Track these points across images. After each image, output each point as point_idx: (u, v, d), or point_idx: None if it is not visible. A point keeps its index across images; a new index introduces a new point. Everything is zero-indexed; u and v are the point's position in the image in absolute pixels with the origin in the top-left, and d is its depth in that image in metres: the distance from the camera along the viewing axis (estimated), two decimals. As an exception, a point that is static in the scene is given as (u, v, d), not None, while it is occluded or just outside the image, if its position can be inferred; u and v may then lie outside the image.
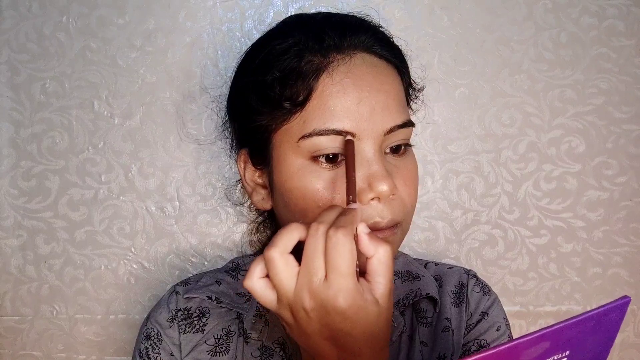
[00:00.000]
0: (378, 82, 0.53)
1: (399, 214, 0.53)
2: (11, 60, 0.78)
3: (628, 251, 0.85)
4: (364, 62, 0.53)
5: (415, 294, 0.61)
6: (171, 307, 0.60)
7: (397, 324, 0.60)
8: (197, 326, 0.59)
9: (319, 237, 0.41)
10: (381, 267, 0.42)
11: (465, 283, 0.64)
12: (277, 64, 0.53)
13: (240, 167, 0.61)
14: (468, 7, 0.81)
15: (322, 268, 0.41)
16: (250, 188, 0.60)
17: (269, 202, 0.59)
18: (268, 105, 0.54)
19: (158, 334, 0.59)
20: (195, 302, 0.60)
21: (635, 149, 0.84)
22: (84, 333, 0.81)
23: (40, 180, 0.79)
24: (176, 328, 0.59)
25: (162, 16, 0.78)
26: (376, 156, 0.52)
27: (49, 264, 0.80)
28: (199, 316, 0.60)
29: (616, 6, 0.82)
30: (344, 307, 0.40)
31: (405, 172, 0.54)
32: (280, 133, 0.54)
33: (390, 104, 0.53)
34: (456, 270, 0.67)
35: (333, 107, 0.51)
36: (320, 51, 0.53)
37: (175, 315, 0.59)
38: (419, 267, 0.66)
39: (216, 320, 0.60)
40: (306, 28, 0.55)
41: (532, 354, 0.35)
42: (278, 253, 0.41)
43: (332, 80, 0.51)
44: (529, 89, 0.82)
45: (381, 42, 0.56)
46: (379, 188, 0.50)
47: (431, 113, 0.81)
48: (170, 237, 0.81)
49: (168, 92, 0.79)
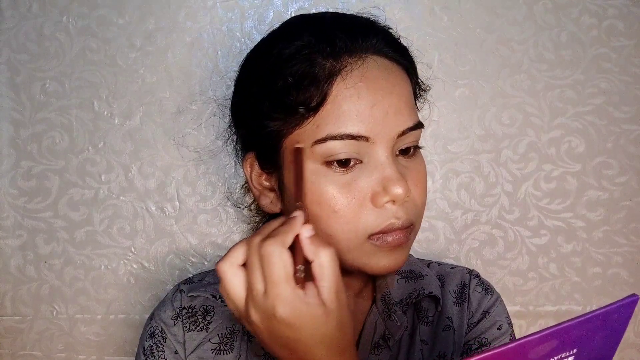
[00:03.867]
0: (390, 85, 0.53)
1: (413, 215, 0.54)
2: (11, 60, 0.78)
3: (628, 251, 0.85)
4: (376, 65, 0.53)
5: (418, 293, 0.62)
6: (175, 305, 0.60)
7: (401, 323, 0.60)
8: (201, 324, 0.59)
9: (253, 251, 0.43)
10: (323, 270, 0.43)
11: (467, 283, 0.65)
12: (288, 69, 0.53)
13: (247, 170, 0.60)
14: (468, 7, 0.81)
15: (261, 281, 0.43)
16: (257, 192, 0.60)
17: (278, 205, 0.59)
18: (281, 111, 0.53)
19: (162, 331, 0.58)
20: (200, 301, 0.60)
21: (635, 149, 0.84)
22: (84, 333, 0.81)
23: (40, 180, 0.79)
24: (180, 326, 0.59)
25: (162, 16, 0.79)
26: (389, 159, 0.52)
27: (49, 264, 0.80)
28: (204, 314, 0.59)
29: (616, 6, 0.82)
30: (284, 315, 0.42)
31: (415, 174, 0.55)
32: (293, 138, 0.53)
33: (402, 107, 0.53)
34: (459, 270, 0.67)
35: (347, 111, 0.51)
36: (332, 54, 0.52)
37: (179, 314, 0.59)
38: (422, 267, 0.66)
39: (220, 319, 0.59)
40: (315, 30, 0.54)
41: (539, 352, 0.35)
42: (227, 265, 0.43)
43: (346, 84, 0.51)
44: (529, 89, 0.82)
45: (391, 44, 0.56)
46: (394, 191, 0.50)
47: (431, 113, 0.81)
48: (170, 237, 0.81)
49: (168, 92, 0.79)
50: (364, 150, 0.51)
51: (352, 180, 0.52)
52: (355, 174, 0.52)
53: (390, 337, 0.60)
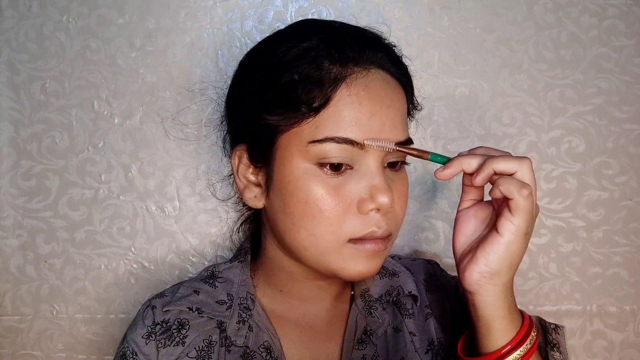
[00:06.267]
0: (389, 99, 0.55)
1: (392, 226, 0.56)
2: (11, 60, 0.78)
3: (628, 251, 0.85)
4: (379, 78, 0.55)
5: (397, 292, 0.65)
6: (147, 322, 0.58)
7: (383, 320, 0.63)
8: (177, 338, 0.58)
9: None
10: None
11: (433, 272, 0.70)
12: (295, 67, 0.54)
13: (234, 162, 0.60)
14: (468, 7, 0.81)
15: None
16: (242, 185, 0.60)
17: (262, 200, 0.59)
18: (284, 106, 0.54)
19: (134, 352, 0.57)
20: (174, 314, 0.59)
21: (635, 149, 0.84)
22: (84, 333, 0.81)
23: (40, 180, 0.79)
24: (153, 345, 0.57)
25: (162, 16, 0.79)
26: (379, 169, 0.54)
27: (49, 264, 0.80)
28: (178, 328, 0.58)
29: (616, 6, 0.82)
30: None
31: (399, 187, 0.57)
32: (289, 135, 0.54)
33: (397, 121, 0.55)
34: (419, 262, 0.71)
35: (347, 117, 0.53)
36: (340, 60, 0.54)
37: (152, 331, 0.58)
38: (393, 263, 0.69)
39: (196, 331, 0.58)
40: (325, 34, 0.56)
41: None
42: None
43: (349, 91, 0.53)
44: (529, 89, 0.82)
45: (394, 61, 0.58)
46: (380, 200, 0.53)
47: (431, 113, 0.81)
48: (170, 237, 0.81)
49: (168, 92, 0.79)
50: (357, 157, 0.53)
51: (342, 184, 0.53)
52: (345, 179, 0.54)
53: (373, 333, 0.62)
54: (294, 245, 0.56)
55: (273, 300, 0.63)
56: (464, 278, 0.52)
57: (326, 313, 0.64)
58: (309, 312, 0.63)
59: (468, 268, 0.52)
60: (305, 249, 0.55)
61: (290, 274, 0.61)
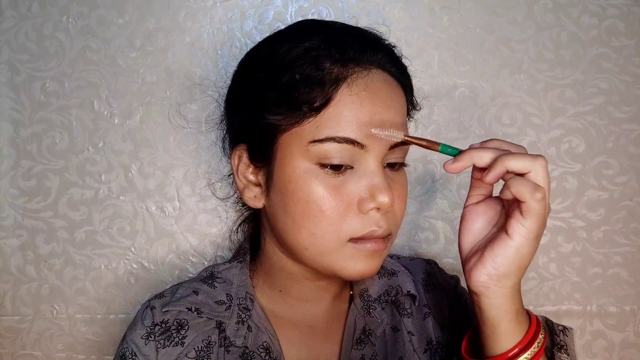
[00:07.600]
0: (389, 99, 0.55)
1: (392, 226, 0.56)
2: (11, 60, 0.78)
3: (628, 251, 0.85)
4: (379, 78, 0.56)
5: (396, 291, 0.65)
6: (146, 323, 0.58)
7: (381, 320, 0.63)
8: (176, 339, 0.58)
9: None
10: None
11: (431, 272, 0.70)
12: (297, 67, 0.54)
13: (234, 162, 0.60)
14: (468, 7, 0.81)
15: None
16: (242, 184, 0.60)
17: (262, 200, 0.59)
18: (285, 105, 0.54)
19: (133, 353, 0.57)
20: (173, 314, 0.59)
21: (635, 149, 0.84)
22: (84, 333, 0.81)
23: (40, 180, 0.79)
24: (152, 346, 0.57)
25: (162, 16, 0.79)
26: (379, 169, 0.54)
27: (49, 264, 0.80)
28: (177, 329, 0.58)
29: (616, 6, 0.82)
30: None
31: (399, 187, 0.57)
32: (290, 134, 0.54)
33: (397, 122, 0.55)
34: (418, 262, 0.72)
35: (348, 117, 0.53)
36: (341, 61, 0.54)
37: (151, 332, 0.58)
38: (392, 263, 0.69)
39: (195, 332, 0.58)
40: (326, 35, 0.56)
41: None
42: None
43: (350, 91, 0.53)
44: (529, 89, 0.82)
45: (394, 61, 0.58)
46: (381, 199, 0.53)
47: (431, 113, 0.81)
48: (170, 237, 0.81)
49: (168, 92, 0.79)
50: (357, 156, 0.53)
51: (342, 183, 0.54)
52: (345, 178, 0.54)
53: (372, 333, 0.62)
54: (294, 245, 0.56)
55: (272, 301, 0.63)
56: (471, 279, 0.51)
57: (325, 313, 0.64)
58: (308, 312, 0.63)
59: (475, 270, 0.51)
60: (306, 249, 0.55)
61: (289, 274, 0.61)
